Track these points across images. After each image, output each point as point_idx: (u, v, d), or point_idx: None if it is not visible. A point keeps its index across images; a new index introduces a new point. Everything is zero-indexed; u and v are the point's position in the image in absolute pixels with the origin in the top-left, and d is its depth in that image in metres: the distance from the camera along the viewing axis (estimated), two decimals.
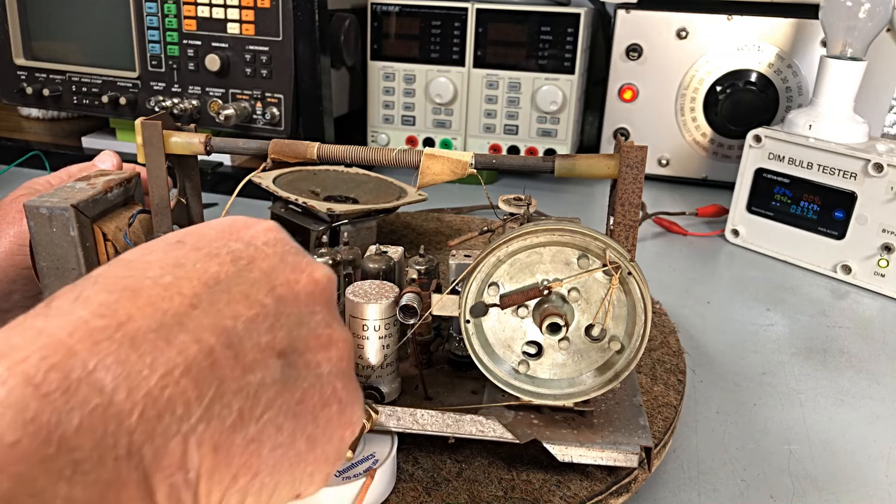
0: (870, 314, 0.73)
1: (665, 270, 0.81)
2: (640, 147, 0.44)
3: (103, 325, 0.22)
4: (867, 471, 0.50)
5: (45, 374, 0.19)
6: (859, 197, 0.77)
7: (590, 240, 0.40)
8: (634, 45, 1.03)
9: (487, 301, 0.42)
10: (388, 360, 0.45)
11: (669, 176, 1.08)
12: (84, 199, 0.48)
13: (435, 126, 1.06)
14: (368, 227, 0.69)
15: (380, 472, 0.41)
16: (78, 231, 0.47)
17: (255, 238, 0.29)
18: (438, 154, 0.46)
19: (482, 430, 0.43)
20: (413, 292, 0.43)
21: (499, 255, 0.41)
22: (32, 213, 0.46)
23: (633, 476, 0.45)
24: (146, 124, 0.49)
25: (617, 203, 0.45)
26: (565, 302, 0.42)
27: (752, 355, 0.64)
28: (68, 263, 0.48)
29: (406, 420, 0.44)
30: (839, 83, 0.81)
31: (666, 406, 0.51)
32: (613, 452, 0.42)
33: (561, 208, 0.96)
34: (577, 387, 0.43)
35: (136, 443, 0.20)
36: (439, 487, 0.43)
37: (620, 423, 0.45)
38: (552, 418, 0.45)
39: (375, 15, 1.03)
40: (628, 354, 0.42)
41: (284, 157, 0.48)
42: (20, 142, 1.08)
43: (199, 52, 0.90)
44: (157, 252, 0.26)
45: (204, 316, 0.24)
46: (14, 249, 0.56)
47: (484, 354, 0.43)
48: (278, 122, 0.90)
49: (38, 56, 0.98)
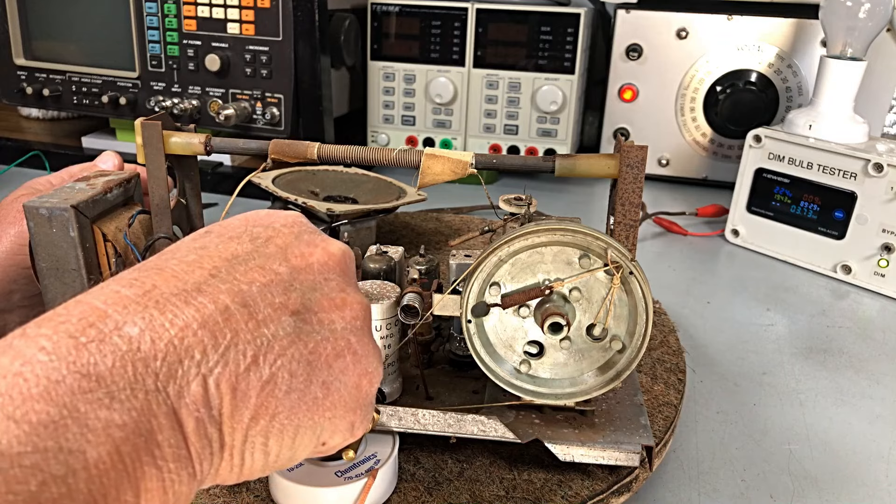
0: (870, 314, 0.73)
1: (665, 270, 0.81)
2: (640, 147, 0.44)
3: (132, 293, 0.26)
4: (867, 471, 0.50)
5: (83, 329, 0.24)
6: (859, 197, 0.77)
7: (591, 239, 0.40)
8: (634, 45, 1.03)
9: (489, 301, 0.42)
10: (390, 360, 0.45)
11: (669, 176, 1.08)
12: (84, 199, 0.47)
13: (435, 126, 1.06)
14: (368, 228, 0.69)
15: (381, 472, 0.41)
16: (78, 231, 0.47)
17: (275, 222, 0.32)
18: (439, 154, 0.46)
19: (484, 430, 0.43)
20: (414, 292, 0.43)
21: (500, 255, 0.41)
22: (32, 214, 0.46)
23: (634, 475, 0.45)
24: (146, 124, 0.48)
25: (617, 203, 0.45)
26: (567, 301, 0.42)
27: (752, 355, 0.64)
28: (68, 264, 0.48)
29: (408, 420, 0.44)
30: (839, 83, 0.81)
31: (666, 405, 0.51)
32: (615, 452, 0.42)
33: (561, 208, 0.96)
34: (578, 386, 0.43)
35: (162, 381, 0.24)
36: (441, 487, 0.43)
37: (622, 422, 0.45)
38: (553, 418, 0.45)
39: (375, 15, 1.03)
40: (630, 354, 0.42)
41: (284, 158, 0.48)
42: (20, 142, 1.08)
43: (199, 52, 0.90)
44: (186, 241, 0.30)
45: (221, 283, 0.27)
46: (15, 249, 0.56)
47: (485, 354, 0.43)
48: (278, 122, 0.90)
49: (38, 56, 0.98)
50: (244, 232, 0.31)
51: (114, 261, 0.50)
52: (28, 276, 0.57)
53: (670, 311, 0.69)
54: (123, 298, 0.25)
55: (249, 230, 0.31)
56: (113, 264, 0.50)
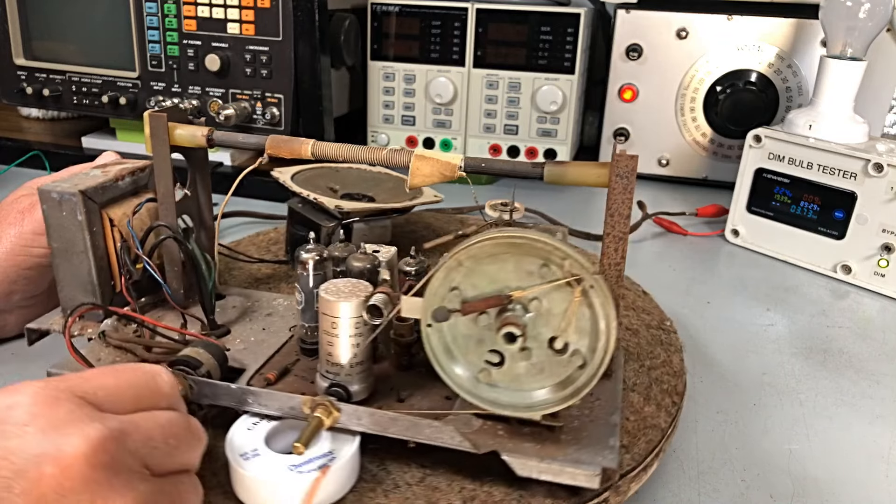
0: (870, 314, 0.73)
1: (665, 270, 0.81)
2: (630, 156, 0.42)
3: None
4: (867, 471, 0.50)
5: None
6: (859, 197, 0.77)
7: (551, 249, 0.39)
8: (634, 45, 1.03)
9: (450, 306, 0.41)
10: (358, 358, 0.44)
11: (669, 176, 1.08)
12: (93, 185, 0.51)
13: (435, 126, 1.06)
14: (383, 226, 0.69)
15: (335, 469, 0.41)
16: (85, 216, 0.50)
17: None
18: (428, 155, 0.45)
19: (440, 437, 0.42)
20: (383, 293, 0.43)
21: (459, 259, 0.40)
22: (45, 197, 0.50)
23: (601, 498, 0.42)
24: (153, 116, 0.50)
25: (606, 213, 0.44)
26: (528, 312, 0.41)
27: (752, 355, 0.64)
28: (76, 246, 0.51)
29: (366, 420, 0.43)
30: (839, 83, 0.81)
31: (653, 428, 0.48)
32: (573, 471, 0.40)
33: (562, 208, 0.96)
34: (536, 399, 0.42)
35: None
36: (399, 491, 0.43)
37: (588, 441, 0.43)
38: (519, 431, 0.43)
39: (375, 15, 1.03)
40: (590, 371, 0.40)
41: (280, 154, 0.49)
42: (20, 142, 1.08)
43: (199, 52, 0.90)
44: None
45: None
46: (15, 250, 0.56)
47: (445, 359, 0.42)
48: (278, 122, 0.90)
49: (38, 56, 0.98)
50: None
51: (119, 245, 0.52)
52: (28, 277, 0.57)
53: (670, 311, 0.69)
54: None
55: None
56: (118, 249, 0.52)
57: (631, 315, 0.63)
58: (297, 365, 0.50)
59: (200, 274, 0.52)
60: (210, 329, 0.53)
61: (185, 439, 0.36)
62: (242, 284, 0.67)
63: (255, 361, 0.50)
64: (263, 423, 0.45)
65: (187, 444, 0.36)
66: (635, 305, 0.66)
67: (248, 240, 0.78)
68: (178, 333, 0.50)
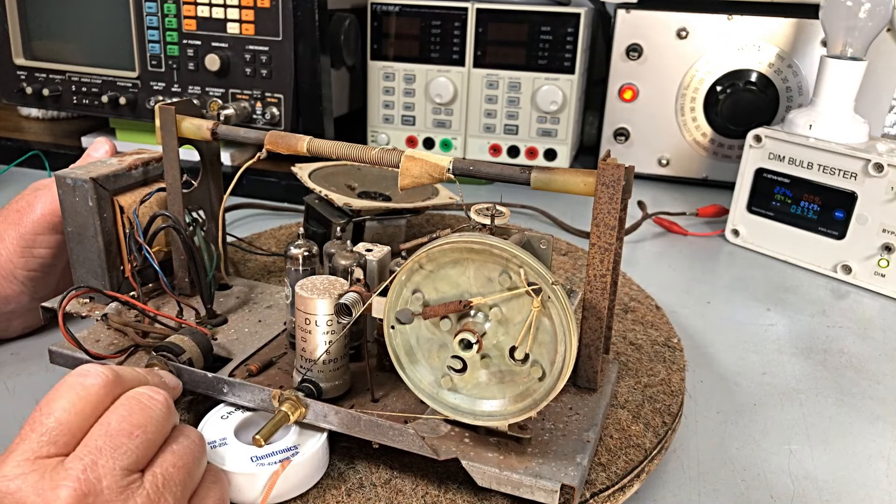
0: (870, 314, 0.73)
1: (665, 270, 0.81)
2: (618, 165, 0.41)
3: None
4: (867, 471, 0.50)
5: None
6: (859, 197, 0.77)
7: (509, 256, 0.38)
8: (634, 45, 1.03)
9: (413, 309, 0.41)
10: (332, 356, 0.44)
11: (669, 176, 1.08)
12: (105, 173, 0.53)
13: (435, 126, 1.06)
14: (396, 226, 0.69)
15: (296, 464, 0.42)
16: (96, 202, 0.52)
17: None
18: (417, 156, 0.45)
19: (401, 440, 0.42)
20: (355, 292, 0.43)
21: (419, 262, 0.40)
22: (60, 182, 0.53)
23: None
24: (162, 108, 0.52)
25: (592, 224, 0.43)
26: (487, 320, 0.40)
27: (752, 355, 0.64)
28: (88, 231, 0.54)
29: (331, 418, 0.43)
30: (839, 83, 0.81)
31: (635, 448, 0.46)
32: (531, 485, 0.39)
33: (563, 209, 0.96)
34: (495, 409, 0.41)
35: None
36: (362, 490, 0.43)
37: (555, 456, 0.41)
38: (486, 440, 0.43)
39: (375, 15, 1.03)
40: (549, 384, 0.39)
41: (278, 149, 0.50)
42: (20, 142, 1.08)
43: (199, 52, 0.90)
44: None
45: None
46: (17, 251, 0.56)
47: (407, 362, 0.42)
48: (278, 121, 0.90)
49: (38, 56, 0.98)
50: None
51: (127, 232, 0.54)
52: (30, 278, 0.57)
53: (670, 311, 0.69)
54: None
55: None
56: (126, 236, 0.54)
57: (638, 330, 0.62)
58: (283, 358, 0.50)
59: (199, 264, 0.53)
60: (207, 318, 0.54)
61: (200, 459, 0.39)
62: (254, 276, 0.68)
63: (242, 352, 0.50)
64: (237, 414, 0.46)
65: (201, 463, 0.39)
66: (644, 320, 0.64)
67: (269, 232, 0.80)
68: (173, 321, 0.51)
